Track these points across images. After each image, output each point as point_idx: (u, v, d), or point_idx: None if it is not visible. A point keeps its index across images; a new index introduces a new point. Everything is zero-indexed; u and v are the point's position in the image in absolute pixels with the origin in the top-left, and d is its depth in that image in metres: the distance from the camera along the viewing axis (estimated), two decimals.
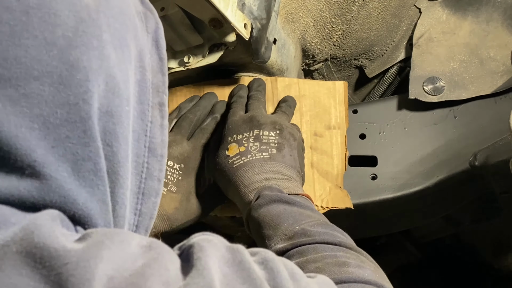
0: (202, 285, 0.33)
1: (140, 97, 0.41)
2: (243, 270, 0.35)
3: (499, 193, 0.91)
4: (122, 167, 0.38)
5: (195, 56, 0.82)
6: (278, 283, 0.36)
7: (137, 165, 0.41)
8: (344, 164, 0.86)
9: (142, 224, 0.42)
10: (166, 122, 0.44)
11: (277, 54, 0.89)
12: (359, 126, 0.97)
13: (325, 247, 0.60)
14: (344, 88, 0.90)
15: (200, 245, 0.36)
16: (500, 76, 0.94)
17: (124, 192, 0.38)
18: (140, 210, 0.42)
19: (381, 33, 1.08)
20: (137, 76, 0.41)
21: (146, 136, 0.41)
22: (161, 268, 0.33)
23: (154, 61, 0.44)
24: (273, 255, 0.39)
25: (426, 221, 1.08)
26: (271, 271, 0.37)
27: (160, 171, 0.43)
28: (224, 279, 0.34)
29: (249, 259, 0.36)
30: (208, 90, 0.90)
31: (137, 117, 0.41)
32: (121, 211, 0.39)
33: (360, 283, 0.53)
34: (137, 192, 0.41)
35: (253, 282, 0.35)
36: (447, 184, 0.91)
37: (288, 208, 0.67)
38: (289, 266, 0.40)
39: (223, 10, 0.72)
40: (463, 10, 1.03)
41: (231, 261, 0.36)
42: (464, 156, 0.90)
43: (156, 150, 0.42)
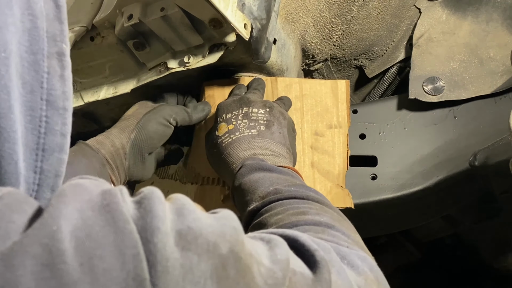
0: (43, 235, 0.30)
1: (31, 47, 0.38)
2: (107, 212, 0.33)
3: (499, 193, 0.91)
4: (3, 118, 0.35)
5: (195, 56, 0.82)
6: (147, 222, 0.33)
7: (33, 119, 0.38)
8: (346, 163, 0.86)
9: (45, 183, 0.39)
10: (67, 73, 0.41)
11: (277, 54, 0.89)
12: (359, 126, 0.97)
13: (291, 201, 0.60)
14: (346, 87, 0.90)
15: (62, 190, 0.34)
16: (500, 76, 0.94)
17: (11, 146, 0.36)
18: (41, 168, 0.39)
19: (381, 33, 1.08)
20: (26, 24, 0.38)
21: (43, 87, 0.39)
22: (2, 220, 0.31)
23: (49, 9, 0.40)
24: (155, 192, 0.36)
25: (426, 221, 1.08)
26: (143, 209, 0.34)
27: (64, 124, 0.40)
28: (81, 224, 0.32)
29: (120, 200, 0.34)
30: (208, 90, 0.91)
31: (29, 68, 0.38)
32: (10, 168, 0.36)
33: (311, 225, 0.53)
34: (36, 148, 0.38)
35: (116, 224, 0.32)
36: (447, 184, 0.91)
37: (268, 174, 0.67)
38: (180, 201, 0.37)
39: (223, 10, 0.72)
40: (463, 10, 1.03)
41: (98, 205, 0.33)
42: (464, 156, 0.90)
43: (57, 103, 0.39)
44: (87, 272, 0.30)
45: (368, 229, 1.06)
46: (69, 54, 0.41)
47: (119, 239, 0.32)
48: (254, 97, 0.81)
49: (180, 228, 0.34)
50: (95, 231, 0.32)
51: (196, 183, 0.88)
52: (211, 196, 0.85)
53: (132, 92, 0.89)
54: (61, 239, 0.31)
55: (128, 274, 0.31)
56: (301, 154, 0.86)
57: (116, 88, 0.90)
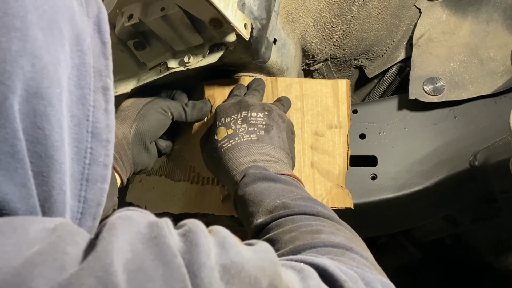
0: (98, 268, 0.31)
1: (80, 81, 0.40)
2: (156, 246, 0.34)
3: (499, 193, 0.91)
4: (56, 151, 0.36)
5: (195, 56, 0.82)
6: (193, 256, 0.34)
7: (79, 151, 0.39)
8: (346, 163, 0.86)
9: (88, 211, 0.40)
10: (111, 107, 0.42)
11: (277, 54, 0.89)
12: (359, 126, 0.97)
13: (302, 218, 0.60)
14: (347, 87, 0.90)
15: (112, 222, 0.35)
16: (500, 76, 0.94)
17: (61, 177, 0.37)
18: (85, 197, 0.40)
19: (381, 33, 1.08)
20: (75, 60, 0.39)
21: (88, 121, 0.40)
22: (57, 252, 0.31)
23: (96, 45, 0.42)
24: (200, 226, 0.37)
25: (426, 221, 1.08)
26: (189, 243, 0.35)
27: (106, 156, 0.41)
28: (132, 257, 0.33)
29: (167, 233, 0.35)
30: (208, 90, 0.91)
31: (77, 102, 0.39)
32: (59, 197, 0.37)
33: (329, 246, 0.53)
34: (80, 178, 0.40)
35: (164, 258, 0.33)
36: (447, 184, 0.91)
37: (273, 185, 0.67)
38: (222, 235, 0.38)
39: (223, 10, 0.72)
40: (463, 10, 1.03)
41: (146, 237, 0.34)
42: (464, 156, 0.90)
43: (101, 135, 0.41)
44: None
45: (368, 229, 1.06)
46: (112, 89, 0.43)
47: (168, 273, 0.33)
48: (253, 100, 0.81)
49: (224, 263, 0.35)
50: (145, 264, 0.33)
51: (196, 183, 0.88)
52: (211, 196, 0.86)
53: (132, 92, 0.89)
54: (115, 272, 0.31)
55: None
56: (301, 154, 0.86)
57: (116, 88, 0.90)
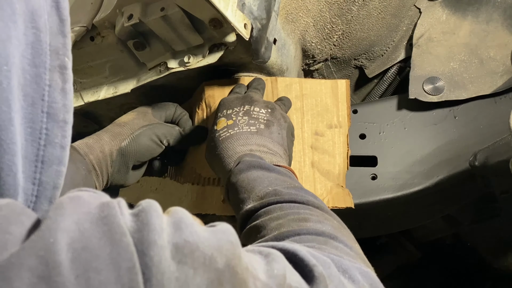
0: (40, 247, 0.31)
1: (34, 60, 0.39)
2: (105, 225, 0.33)
3: (499, 193, 0.91)
4: (3, 130, 0.35)
5: (195, 56, 0.82)
6: (143, 235, 0.33)
7: (33, 131, 0.38)
8: (346, 163, 0.86)
9: (43, 194, 0.39)
10: (69, 86, 0.41)
11: (277, 54, 0.89)
12: (359, 126, 0.97)
13: (290, 206, 0.60)
14: (346, 86, 0.90)
15: (60, 202, 0.34)
16: (500, 76, 0.94)
17: (10, 158, 0.36)
18: (40, 179, 0.39)
19: (381, 33, 1.08)
20: (29, 37, 0.38)
21: (44, 100, 0.39)
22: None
23: (53, 22, 0.41)
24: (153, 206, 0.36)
25: (426, 221, 1.08)
26: (141, 222, 0.34)
27: (64, 137, 0.40)
28: (79, 236, 0.32)
29: (117, 213, 0.34)
30: (208, 90, 0.91)
31: (31, 81, 0.38)
32: (8, 179, 0.36)
33: (314, 234, 0.53)
34: (35, 160, 0.39)
35: (113, 236, 0.32)
36: (447, 184, 0.91)
37: (266, 173, 0.67)
38: (178, 215, 0.37)
39: (223, 10, 0.72)
40: (463, 10, 1.03)
41: (95, 217, 0.34)
42: (464, 156, 0.90)
43: (57, 115, 0.40)
44: (82, 284, 0.30)
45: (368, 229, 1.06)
46: (71, 68, 0.41)
47: (115, 251, 0.32)
48: (257, 96, 0.81)
49: (177, 242, 0.34)
50: (92, 243, 0.32)
51: (197, 184, 0.88)
52: (212, 197, 0.86)
53: (132, 92, 0.89)
54: (58, 251, 0.31)
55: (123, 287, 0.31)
56: (301, 154, 0.86)
57: (116, 88, 0.90)
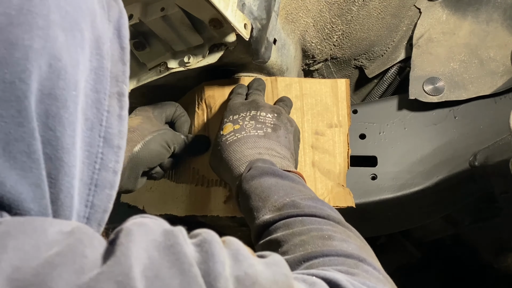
0: (118, 273, 0.31)
1: (96, 85, 0.39)
2: (172, 254, 0.34)
3: (499, 193, 0.91)
4: (67, 153, 0.36)
5: (195, 56, 0.82)
6: (209, 267, 0.34)
7: (90, 155, 0.39)
8: (347, 162, 0.86)
9: (94, 217, 0.40)
10: (125, 113, 0.42)
11: (277, 54, 0.89)
12: (359, 126, 0.97)
13: (312, 220, 0.59)
14: (346, 86, 0.90)
15: (128, 229, 0.35)
16: (500, 77, 0.94)
17: (70, 180, 0.37)
18: (92, 202, 0.40)
19: (381, 33, 1.08)
20: (93, 63, 0.39)
21: (102, 125, 0.40)
22: (76, 255, 0.31)
23: (115, 50, 0.42)
24: (214, 236, 0.37)
25: (426, 221, 1.08)
26: (205, 253, 0.35)
27: (116, 162, 0.41)
28: (149, 264, 0.32)
29: (183, 242, 0.35)
30: (208, 90, 0.91)
31: (92, 106, 0.39)
32: (66, 200, 0.37)
33: (342, 256, 0.53)
34: (89, 183, 0.39)
35: (181, 266, 0.33)
36: (447, 184, 0.91)
37: (280, 181, 0.66)
38: (234, 246, 0.38)
39: (223, 10, 0.72)
40: (463, 10, 1.03)
41: (162, 245, 0.34)
42: (464, 156, 0.90)
43: (113, 141, 0.40)
44: None
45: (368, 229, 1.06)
46: (127, 95, 0.42)
47: (185, 282, 0.32)
48: (263, 101, 0.81)
49: (238, 274, 0.35)
50: (163, 272, 0.32)
51: (201, 185, 0.88)
52: (215, 198, 0.85)
53: (132, 92, 0.89)
54: (134, 277, 0.31)
55: None
56: (302, 154, 0.86)
57: None
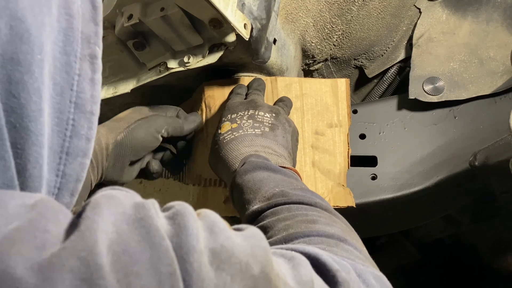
0: (81, 248, 0.30)
1: (65, 47, 0.37)
2: (142, 227, 0.32)
3: (499, 193, 0.91)
4: (33, 121, 0.34)
5: (195, 56, 0.82)
6: (182, 240, 0.33)
7: (60, 122, 0.37)
8: (347, 162, 0.86)
9: (66, 187, 0.38)
10: (98, 76, 0.39)
11: (277, 54, 0.89)
12: (359, 126, 0.97)
13: (298, 207, 0.59)
14: (346, 86, 0.90)
15: (96, 201, 0.33)
16: (500, 76, 0.94)
17: (38, 150, 0.35)
18: (63, 171, 0.38)
19: (381, 33, 1.08)
20: (62, 24, 0.37)
21: (72, 90, 0.37)
22: (37, 230, 0.30)
23: (86, 9, 0.39)
24: (188, 208, 0.35)
25: (426, 221, 1.08)
26: (177, 226, 0.33)
27: (90, 129, 0.39)
28: (117, 238, 0.31)
29: (154, 215, 0.33)
30: (208, 90, 0.91)
31: (61, 69, 0.37)
32: (34, 171, 0.35)
33: (323, 236, 0.52)
34: (60, 151, 0.37)
35: (151, 239, 0.32)
36: (447, 184, 0.91)
37: (272, 174, 0.66)
38: (210, 219, 0.36)
39: (223, 10, 0.72)
40: (463, 10, 1.03)
41: (132, 218, 0.33)
42: (464, 156, 0.90)
43: (85, 106, 0.38)
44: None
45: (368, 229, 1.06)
46: (100, 57, 0.40)
47: (155, 256, 0.31)
48: (262, 101, 0.81)
49: (214, 247, 0.34)
50: (131, 246, 0.31)
51: (198, 185, 0.88)
52: (213, 198, 0.85)
53: (132, 92, 0.89)
54: (99, 253, 0.30)
55: None
56: (302, 154, 0.86)
57: (116, 88, 0.90)
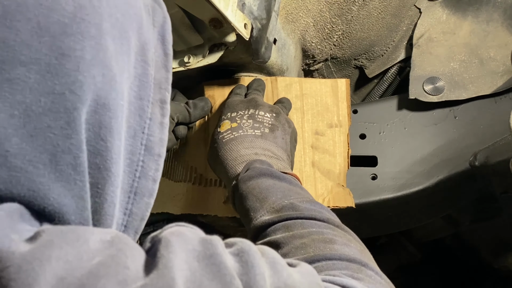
0: (161, 285, 0.30)
1: (140, 92, 0.39)
2: (213, 265, 0.33)
3: (499, 193, 0.91)
4: (114, 163, 0.36)
5: (195, 56, 0.82)
6: (251, 278, 0.33)
7: (131, 163, 0.38)
8: (347, 162, 0.86)
9: (131, 225, 0.39)
10: (166, 120, 0.41)
11: (277, 54, 0.89)
12: (359, 126, 0.97)
13: (312, 223, 0.59)
14: (346, 86, 0.90)
15: (167, 239, 0.34)
16: (500, 76, 0.94)
17: (114, 190, 0.36)
18: (131, 210, 0.39)
19: (381, 33, 1.08)
20: (138, 70, 0.39)
21: (144, 133, 0.39)
22: (119, 266, 0.31)
23: (159, 56, 0.42)
24: (250, 245, 0.36)
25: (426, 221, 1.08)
26: (245, 264, 0.34)
27: (156, 171, 0.40)
28: (191, 275, 0.32)
29: (222, 252, 0.34)
30: (208, 90, 0.91)
31: (135, 113, 0.38)
32: (109, 210, 0.37)
33: (345, 260, 0.52)
34: (129, 191, 0.39)
35: (223, 278, 0.32)
36: (447, 184, 0.91)
37: (278, 183, 0.66)
38: (271, 255, 0.37)
39: (223, 10, 0.72)
40: (463, 10, 1.03)
41: (201, 255, 0.33)
42: (464, 156, 0.90)
43: (153, 149, 0.40)
44: None
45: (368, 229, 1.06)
46: (169, 102, 0.42)
47: None
48: (262, 100, 0.81)
49: (278, 286, 0.35)
50: (205, 284, 0.32)
51: (199, 185, 0.88)
52: (214, 198, 0.86)
53: None
54: None
55: None
56: (302, 154, 0.86)
57: None
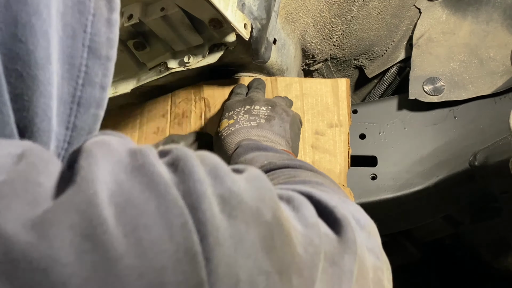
0: (79, 201, 0.26)
1: None
2: (144, 176, 0.28)
3: (499, 193, 0.91)
4: (41, 69, 0.30)
5: (195, 56, 0.82)
6: (189, 187, 0.28)
7: (71, 68, 0.33)
8: (347, 162, 0.86)
9: (77, 141, 0.34)
10: (115, 16, 0.35)
11: (277, 54, 0.89)
12: (359, 126, 0.97)
13: (283, 170, 0.56)
14: (346, 85, 0.90)
15: (89, 150, 0.29)
16: (500, 76, 0.94)
17: (46, 101, 0.31)
18: (74, 124, 0.34)
19: (381, 33, 1.08)
20: None
21: (86, 32, 0.33)
22: (28, 183, 0.26)
23: None
24: (188, 151, 0.31)
25: (426, 221, 1.08)
26: (182, 172, 0.29)
27: (105, 76, 0.35)
28: (117, 188, 0.27)
29: (154, 161, 0.29)
30: (208, 90, 0.91)
31: (72, 8, 0.33)
32: (43, 125, 0.32)
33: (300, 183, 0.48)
34: (71, 101, 0.34)
35: (156, 188, 0.28)
36: (447, 184, 0.91)
37: (264, 152, 0.66)
38: (212, 161, 0.32)
39: (223, 10, 0.72)
40: (463, 10, 1.03)
41: (130, 166, 0.29)
42: (464, 156, 0.90)
43: (100, 50, 0.34)
44: (133, 244, 0.26)
45: None
46: None
47: (163, 206, 0.27)
48: (258, 96, 0.82)
49: (222, 193, 0.30)
50: (134, 196, 0.27)
51: None
52: None
53: (132, 92, 0.89)
54: (100, 205, 0.26)
55: (178, 247, 0.27)
56: (302, 154, 0.86)
57: (116, 88, 0.90)
